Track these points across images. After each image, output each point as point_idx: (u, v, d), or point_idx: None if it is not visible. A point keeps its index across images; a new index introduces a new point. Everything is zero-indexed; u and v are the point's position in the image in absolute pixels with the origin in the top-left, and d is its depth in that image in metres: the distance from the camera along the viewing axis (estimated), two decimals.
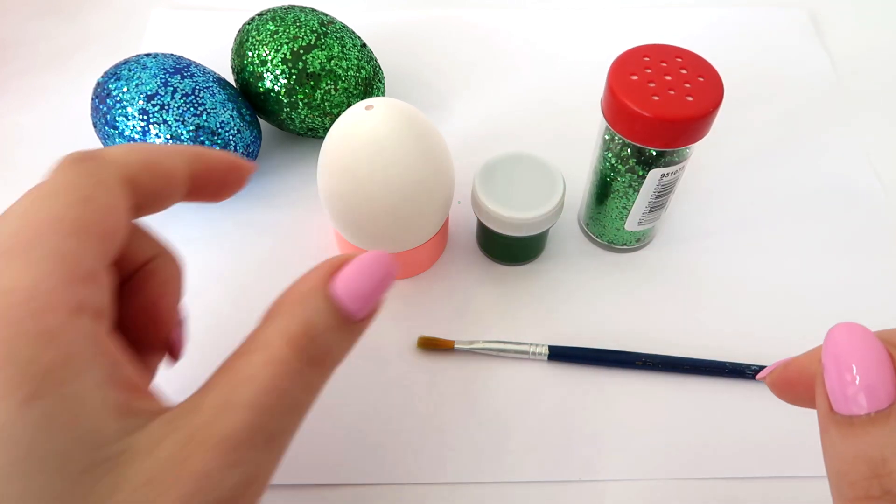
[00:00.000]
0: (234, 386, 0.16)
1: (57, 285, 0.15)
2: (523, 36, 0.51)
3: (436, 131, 0.29)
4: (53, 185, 0.17)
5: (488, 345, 0.32)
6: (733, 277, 0.36)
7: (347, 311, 0.18)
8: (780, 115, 0.45)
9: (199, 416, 0.16)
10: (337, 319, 0.17)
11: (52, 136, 0.43)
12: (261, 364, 0.16)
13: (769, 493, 0.29)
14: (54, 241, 0.15)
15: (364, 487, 0.29)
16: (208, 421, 0.15)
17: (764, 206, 0.39)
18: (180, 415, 0.16)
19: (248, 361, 0.16)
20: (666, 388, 0.32)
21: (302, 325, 0.17)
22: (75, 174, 0.17)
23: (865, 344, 0.15)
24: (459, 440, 0.30)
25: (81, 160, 0.17)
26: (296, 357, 0.17)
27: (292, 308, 0.17)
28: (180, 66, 0.35)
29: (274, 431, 0.16)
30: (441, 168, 0.29)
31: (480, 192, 0.32)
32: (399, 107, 0.28)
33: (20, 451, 0.13)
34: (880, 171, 0.41)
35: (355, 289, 0.18)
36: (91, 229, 0.16)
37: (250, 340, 0.17)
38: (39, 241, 0.15)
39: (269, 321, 0.17)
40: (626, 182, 0.32)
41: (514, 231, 0.32)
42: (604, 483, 0.29)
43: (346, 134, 0.27)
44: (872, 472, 0.14)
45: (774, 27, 0.51)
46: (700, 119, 0.27)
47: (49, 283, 0.15)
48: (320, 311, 0.17)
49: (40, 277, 0.15)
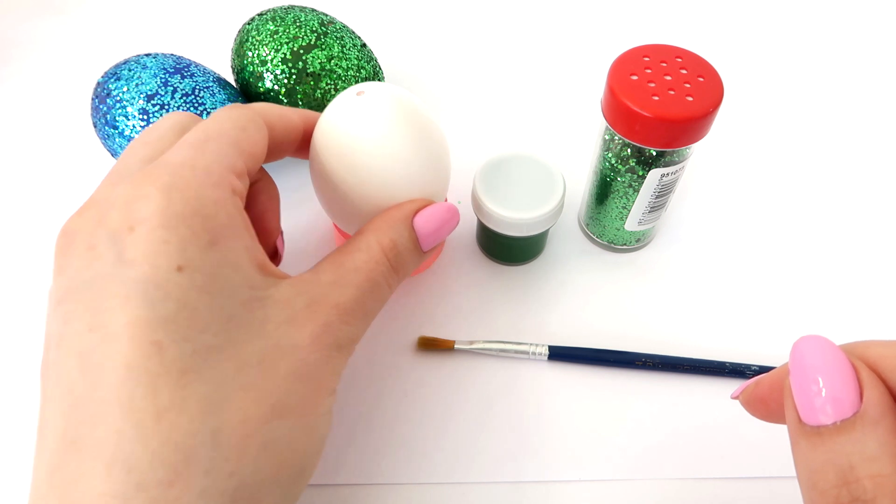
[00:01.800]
0: (344, 271, 0.22)
1: (224, 171, 0.20)
2: (523, 36, 0.51)
3: (431, 120, 0.27)
4: (221, 117, 0.22)
5: (488, 345, 0.32)
6: (733, 277, 0.36)
7: (421, 240, 0.25)
8: (781, 114, 0.45)
9: (319, 286, 0.21)
10: (414, 243, 0.24)
11: (52, 136, 0.43)
12: (363, 260, 0.23)
13: (769, 493, 0.29)
14: (222, 144, 0.21)
15: (364, 487, 0.29)
16: (326, 291, 0.21)
17: (764, 206, 0.39)
18: (303, 282, 0.21)
19: (354, 257, 0.23)
20: (666, 388, 0.32)
21: (392, 241, 0.23)
22: (236, 113, 0.23)
23: (830, 356, 0.15)
24: (459, 440, 0.30)
25: (239, 107, 0.23)
26: (386, 261, 0.23)
27: (387, 227, 0.24)
28: (180, 66, 0.35)
29: (368, 309, 0.23)
30: (437, 159, 0.27)
31: (480, 192, 0.32)
32: (392, 93, 0.26)
33: (206, 279, 0.18)
34: (881, 171, 0.42)
35: (429, 225, 0.25)
36: (243, 146, 0.22)
37: (354, 242, 0.23)
38: (215, 141, 0.21)
39: (366, 233, 0.23)
40: (626, 182, 0.32)
41: (514, 231, 0.32)
42: (604, 483, 0.29)
43: (335, 123, 0.25)
44: (841, 479, 0.14)
45: (774, 27, 0.51)
46: (700, 119, 0.27)
47: (220, 167, 0.20)
48: (404, 234, 0.24)
49: (213, 161, 0.20)
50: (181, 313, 0.18)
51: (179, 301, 0.18)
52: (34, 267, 0.36)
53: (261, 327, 0.19)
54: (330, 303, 0.21)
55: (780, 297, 0.35)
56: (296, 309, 0.20)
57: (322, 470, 0.29)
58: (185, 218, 0.18)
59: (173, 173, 0.19)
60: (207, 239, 0.19)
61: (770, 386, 0.18)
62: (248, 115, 0.23)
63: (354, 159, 0.25)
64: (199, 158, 0.20)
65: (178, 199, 0.19)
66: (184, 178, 0.19)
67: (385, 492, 0.29)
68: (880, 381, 0.15)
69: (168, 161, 0.20)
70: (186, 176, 0.19)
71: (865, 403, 0.14)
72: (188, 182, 0.19)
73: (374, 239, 0.23)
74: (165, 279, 0.18)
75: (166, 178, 0.19)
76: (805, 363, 0.15)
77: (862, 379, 0.15)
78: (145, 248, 0.18)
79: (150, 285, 0.17)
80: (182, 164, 0.20)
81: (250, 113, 0.23)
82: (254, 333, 0.19)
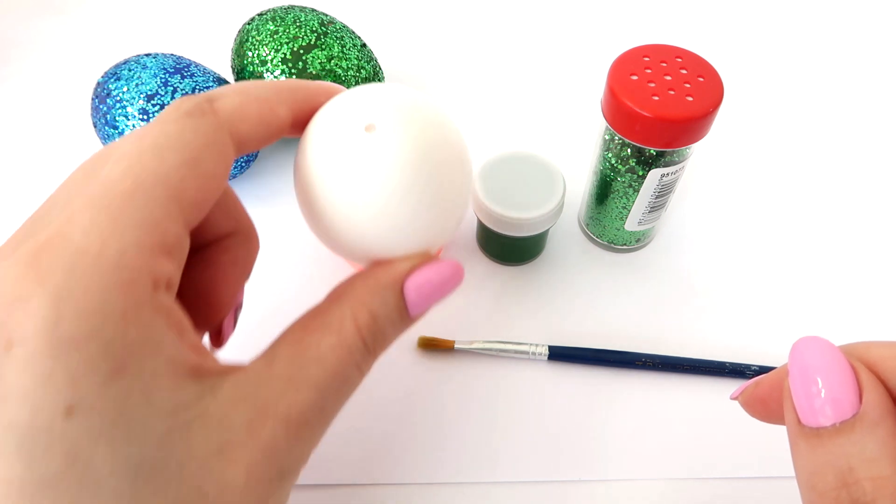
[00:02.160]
0: (303, 363, 0.17)
1: (144, 257, 0.15)
2: (524, 36, 0.51)
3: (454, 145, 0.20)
4: (165, 137, 0.16)
5: (488, 345, 0.32)
6: (733, 277, 0.36)
7: (410, 307, 0.19)
8: (781, 114, 0.45)
9: (269, 387, 0.16)
10: (400, 313, 0.19)
11: (52, 136, 0.43)
12: (330, 347, 0.17)
13: (769, 493, 0.29)
14: (151, 206, 0.15)
15: (364, 487, 0.29)
16: (277, 395, 0.16)
17: (764, 206, 0.39)
18: (249, 381, 0.16)
19: (318, 341, 0.17)
20: (666, 388, 0.32)
21: (371, 315, 0.18)
22: (188, 130, 0.16)
23: (829, 357, 0.15)
24: (459, 440, 0.30)
25: (196, 115, 0.17)
26: (361, 345, 0.18)
27: (368, 295, 0.18)
28: (180, 66, 0.35)
29: (331, 410, 0.18)
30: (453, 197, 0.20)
31: (480, 192, 0.32)
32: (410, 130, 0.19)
33: (104, 423, 0.14)
34: (881, 171, 0.42)
35: (423, 291, 0.19)
36: (190, 195, 0.16)
37: (320, 318, 0.18)
38: (137, 203, 0.15)
39: (340, 303, 0.18)
40: (626, 182, 0.32)
41: (514, 231, 0.32)
42: (604, 483, 0.29)
43: (332, 159, 0.19)
44: (840, 481, 0.14)
45: (774, 27, 0.51)
46: (700, 119, 0.27)
47: (137, 254, 0.15)
48: (389, 303, 0.18)
49: (129, 246, 0.15)
50: (69, 472, 0.14)
51: (68, 455, 0.13)
52: None
53: (179, 471, 0.15)
54: (279, 414, 0.16)
55: (780, 298, 0.35)
56: (232, 430, 0.16)
57: (321, 470, 0.29)
58: (78, 343, 0.14)
59: (69, 267, 0.14)
60: (109, 368, 0.14)
61: (769, 387, 0.18)
62: (205, 133, 0.16)
63: (348, 198, 0.19)
64: (110, 236, 0.14)
65: (70, 316, 0.14)
66: (82, 279, 0.14)
67: (385, 492, 0.29)
68: (880, 382, 0.15)
69: (65, 237, 0.14)
70: (87, 273, 0.14)
71: (865, 405, 0.14)
72: (88, 285, 0.14)
73: (348, 314, 0.18)
74: (49, 426, 0.13)
75: (58, 277, 0.14)
76: (804, 364, 0.15)
77: (861, 380, 0.15)
78: (24, 383, 0.13)
79: (27, 434, 0.13)
80: (85, 248, 0.14)
81: (209, 127, 0.17)
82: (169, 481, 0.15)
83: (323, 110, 0.20)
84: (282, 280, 0.35)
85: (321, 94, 0.20)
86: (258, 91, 0.18)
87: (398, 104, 0.19)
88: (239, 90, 0.18)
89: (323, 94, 0.20)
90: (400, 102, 0.19)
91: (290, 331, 0.18)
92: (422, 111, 0.20)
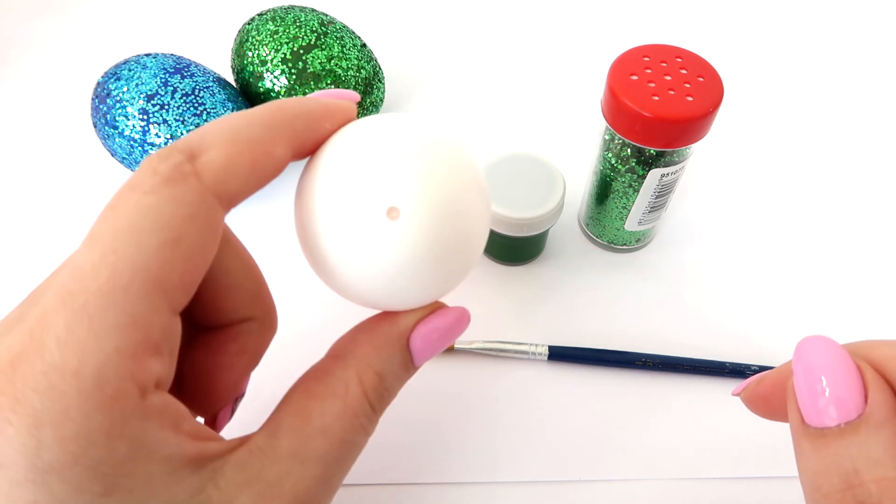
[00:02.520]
0: (308, 435, 0.16)
1: (127, 366, 0.13)
2: (524, 36, 0.51)
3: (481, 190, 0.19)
4: (141, 215, 0.14)
5: (488, 345, 0.32)
6: (733, 277, 0.36)
7: (415, 357, 0.18)
8: (781, 114, 0.45)
9: (274, 466, 0.16)
10: (405, 366, 0.18)
11: (52, 136, 0.43)
12: (335, 415, 0.16)
13: (769, 493, 0.29)
14: (132, 303, 0.13)
15: (364, 487, 0.29)
16: (283, 474, 0.15)
17: (764, 206, 0.39)
18: (253, 460, 0.16)
19: (323, 409, 0.16)
20: (666, 388, 0.32)
21: (377, 375, 0.17)
22: (167, 202, 0.14)
23: (834, 356, 0.15)
24: (459, 440, 0.30)
25: (176, 181, 0.14)
26: (367, 407, 0.17)
27: (374, 353, 0.17)
28: (180, 66, 0.35)
29: (337, 481, 0.17)
30: (466, 254, 0.19)
31: None
32: (439, 198, 0.17)
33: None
34: (881, 170, 0.41)
35: (432, 341, 0.18)
36: (175, 279, 0.14)
37: (323, 381, 0.17)
38: (116, 303, 0.13)
39: (345, 364, 0.17)
40: (626, 182, 0.32)
41: (514, 231, 0.32)
42: (604, 483, 0.29)
43: (348, 239, 0.17)
44: (845, 483, 0.14)
45: (774, 27, 0.51)
46: (700, 119, 0.27)
47: (119, 365, 0.13)
48: (395, 360, 0.18)
49: (109, 357, 0.13)
50: None
51: None
52: (34, 267, 0.36)
53: None
54: (285, 495, 0.15)
55: (781, 297, 0.35)
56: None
57: None
58: (62, 469, 0.13)
59: (46, 388, 0.13)
60: (99, 489, 0.13)
61: (772, 384, 0.18)
62: (189, 202, 0.14)
63: (361, 271, 0.17)
64: (87, 348, 0.13)
65: (50, 442, 0.13)
66: (61, 402, 0.13)
67: (385, 492, 0.29)
68: (885, 382, 0.15)
69: (40, 345, 0.13)
70: (65, 395, 0.13)
71: (870, 405, 0.14)
72: (66, 408, 0.13)
73: (353, 377, 0.17)
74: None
75: (34, 401, 0.13)
76: (809, 363, 0.15)
77: (867, 380, 0.14)
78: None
79: None
80: (61, 365, 0.13)
81: (193, 194, 0.14)
82: None
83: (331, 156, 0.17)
84: (286, 280, 0.35)
85: (326, 120, 0.17)
86: (250, 132, 0.15)
87: (424, 170, 0.17)
88: (226, 136, 0.15)
89: (328, 118, 0.17)
90: (426, 166, 0.17)
91: (293, 396, 0.17)
92: (446, 167, 0.17)
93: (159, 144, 0.34)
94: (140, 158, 0.35)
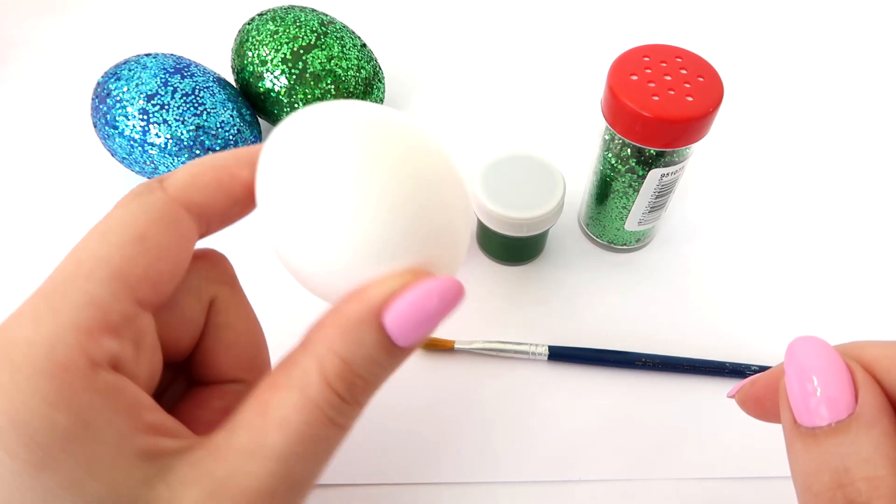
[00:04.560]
0: (263, 429, 0.15)
1: (80, 338, 0.14)
2: (524, 36, 0.51)
3: (431, 150, 0.17)
4: (109, 221, 0.16)
5: (488, 345, 0.32)
6: (733, 277, 0.36)
7: (398, 342, 0.16)
8: (781, 114, 0.45)
9: (224, 462, 0.15)
10: (384, 348, 0.16)
11: (52, 136, 0.43)
12: (293, 407, 0.15)
13: (769, 493, 0.29)
14: (90, 286, 0.14)
15: (364, 487, 0.29)
16: (233, 470, 0.15)
17: (764, 206, 0.39)
18: (207, 457, 0.15)
19: (281, 401, 0.15)
20: (666, 388, 0.32)
21: (343, 362, 0.15)
22: (134, 208, 0.16)
23: (825, 357, 0.15)
24: (460, 440, 0.30)
25: (143, 194, 0.16)
26: (333, 398, 0.15)
27: (336, 336, 0.15)
28: (180, 66, 0.35)
29: (300, 479, 0.15)
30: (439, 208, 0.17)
31: (480, 192, 0.32)
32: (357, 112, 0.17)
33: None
34: (881, 170, 0.42)
35: (413, 319, 0.15)
36: (138, 272, 0.15)
37: (285, 371, 0.16)
38: (74, 286, 0.14)
39: (309, 349, 0.15)
40: (626, 182, 0.32)
41: (514, 231, 0.32)
42: (604, 483, 0.29)
43: (280, 160, 0.16)
44: (836, 482, 0.14)
45: (774, 27, 0.51)
46: (700, 119, 0.27)
47: (71, 335, 0.14)
48: (367, 344, 0.15)
49: (63, 329, 0.14)
50: None
51: None
52: (33, 267, 0.36)
53: None
54: (234, 491, 0.14)
55: (780, 298, 0.35)
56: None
57: None
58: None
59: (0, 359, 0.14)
60: (34, 460, 0.13)
61: (765, 385, 0.18)
62: (151, 208, 0.16)
63: (305, 214, 0.16)
64: (44, 321, 0.14)
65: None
66: (9, 369, 0.13)
67: (385, 492, 0.29)
68: (876, 382, 0.15)
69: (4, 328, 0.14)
70: (14, 362, 0.13)
71: (861, 405, 0.14)
72: (14, 375, 0.13)
73: (312, 364, 0.15)
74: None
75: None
76: (800, 364, 0.15)
77: (857, 380, 0.15)
78: None
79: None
80: (15, 337, 0.14)
81: (155, 202, 0.16)
82: None
83: (278, 143, 0.17)
84: (285, 281, 0.35)
85: None
86: (214, 160, 0.17)
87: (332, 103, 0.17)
88: (193, 164, 0.17)
89: None
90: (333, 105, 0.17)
91: (258, 390, 0.16)
92: (357, 107, 0.17)
93: (159, 144, 0.34)
94: (140, 158, 0.35)
